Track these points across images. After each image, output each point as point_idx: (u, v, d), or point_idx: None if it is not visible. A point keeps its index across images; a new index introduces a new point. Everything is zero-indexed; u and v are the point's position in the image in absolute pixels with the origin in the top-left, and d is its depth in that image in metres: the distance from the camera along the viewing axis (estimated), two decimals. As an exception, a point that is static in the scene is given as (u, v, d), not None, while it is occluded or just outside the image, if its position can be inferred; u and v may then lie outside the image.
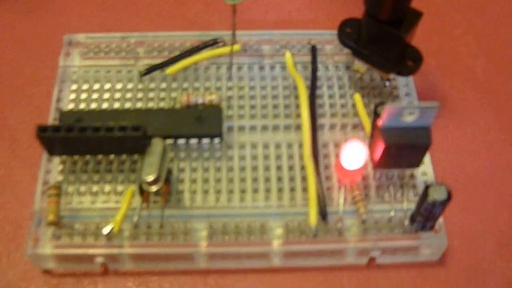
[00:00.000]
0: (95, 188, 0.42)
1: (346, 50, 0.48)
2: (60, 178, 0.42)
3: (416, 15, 0.43)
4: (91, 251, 0.40)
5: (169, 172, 0.42)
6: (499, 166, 0.47)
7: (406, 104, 0.39)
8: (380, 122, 0.39)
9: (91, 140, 0.40)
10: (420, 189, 0.42)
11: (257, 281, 0.42)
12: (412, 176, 0.44)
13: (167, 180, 0.41)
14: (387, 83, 0.47)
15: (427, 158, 0.44)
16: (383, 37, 0.43)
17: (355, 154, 0.41)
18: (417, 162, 0.41)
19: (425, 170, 0.44)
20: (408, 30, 0.42)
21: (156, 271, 0.42)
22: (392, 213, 0.42)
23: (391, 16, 0.42)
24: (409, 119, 0.39)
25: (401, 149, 0.40)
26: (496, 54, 0.53)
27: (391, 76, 0.47)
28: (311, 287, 0.42)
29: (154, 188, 0.40)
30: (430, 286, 0.42)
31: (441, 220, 0.41)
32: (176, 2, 0.55)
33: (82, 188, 0.42)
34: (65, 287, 0.41)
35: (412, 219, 0.41)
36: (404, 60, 0.44)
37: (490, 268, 0.43)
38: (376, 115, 0.40)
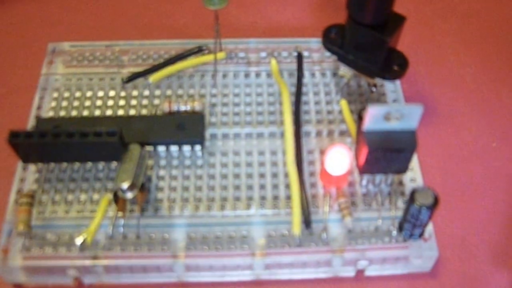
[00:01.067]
0: (70, 196, 0.37)
1: (333, 57, 0.44)
2: (35, 186, 0.37)
3: (400, 19, 0.39)
4: (62, 262, 0.35)
5: (148, 179, 0.37)
6: (490, 173, 0.42)
7: (389, 105, 0.34)
8: (363, 125, 0.34)
9: (65, 146, 0.36)
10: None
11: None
12: (400, 183, 0.38)
13: (143, 187, 0.36)
14: (373, 89, 0.42)
15: (416, 164, 0.39)
16: (367, 41, 0.39)
17: (339, 159, 0.35)
18: (403, 167, 0.36)
19: (414, 176, 0.39)
20: (391, 34, 0.38)
21: (133, 285, 0.37)
22: (380, 222, 0.36)
23: (374, 20, 0.38)
24: (393, 122, 0.34)
25: (386, 154, 0.35)
26: (485, 62, 0.49)
27: (378, 82, 0.42)
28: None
29: (129, 196, 0.35)
30: (422, 298, 0.37)
31: (431, 228, 0.36)
32: (164, 12, 0.51)
33: (57, 197, 0.37)
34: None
35: (400, 227, 0.36)
36: (389, 65, 0.40)
37: (484, 279, 0.38)
38: (360, 119, 0.35)
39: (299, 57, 0.44)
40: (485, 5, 0.53)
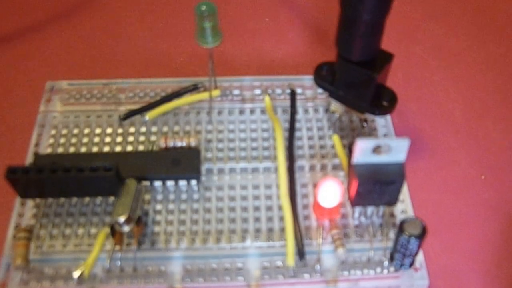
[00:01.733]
0: (68, 231, 0.38)
1: (325, 94, 0.45)
2: (33, 222, 0.38)
3: (387, 57, 0.40)
4: (60, 296, 0.35)
5: (145, 214, 0.38)
6: (479, 205, 0.44)
7: (377, 139, 0.36)
8: (352, 158, 0.35)
9: (62, 181, 0.37)
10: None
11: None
12: (391, 214, 0.39)
13: (140, 221, 0.37)
14: (365, 124, 0.44)
15: (406, 196, 0.40)
16: (356, 78, 0.40)
17: (331, 192, 0.37)
18: (393, 199, 0.37)
19: (405, 208, 0.40)
20: (379, 71, 0.39)
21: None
22: (372, 253, 0.37)
23: (361, 57, 0.39)
24: (382, 155, 0.35)
25: (375, 186, 0.36)
26: (473, 98, 0.50)
27: (370, 117, 0.44)
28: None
29: (126, 229, 0.36)
30: (414, 329, 0.38)
31: (421, 258, 0.37)
32: (160, 51, 0.53)
33: (55, 231, 0.38)
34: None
35: (391, 257, 0.36)
36: (379, 100, 0.41)
37: (476, 309, 0.38)
38: (350, 152, 0.37)
39: (292, 94, 0.46)
40: (472, 43, 0.55)
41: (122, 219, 0.35)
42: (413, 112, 0.49)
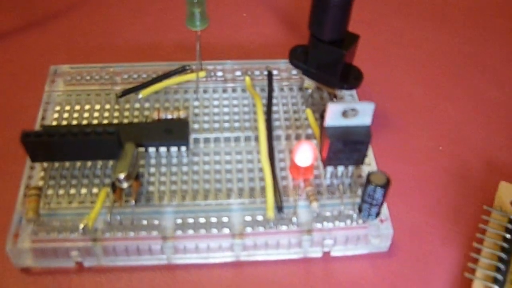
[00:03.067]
0: (72, 190, 0.40)
1: (299, 75, 0.48)
2: (41, 183, 0.41)
3: (354, 37, 0.43)
4: (67, 244, 0.38)
5: (141, 175, 0.41)
6: (437, 171, 0.46)
7: (346, 103, 0.38)
8: (325, 121, 0.38)
9: (70, 144, 0.39)
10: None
11: (222, 276, 0.40)
12: (359, 176, 0.42)
13: (137, 178, 0.39)
14: (334, 100, 0.47)
15: (372, 161, 0.43)
16: (327, 56, 0.43)
17: (306, 153, 0.39)
18: (361, 159, 0.40)
19: (371, 169, 0.42)
20: (347, 48, 0.42)
21: (127, 268, 0.40)
22: (342, 207, 0.40)
23: (332, 36, 0.42)
24: (350, 118, 0.38)
25: (345, 146, 0.39)
26: (432, 81, 0.54)
27: (339, 94, 0.47)
28: (273, 279, 0.40)
29: (125, 185, 0.38)
30: (381, 275, 0.40)
31: (386, 212, 0.40)
32: (151, 41, 0.55)
33: (61, 191, 0.40)
34: (41, 284, 0.38)
35: (360, 209, 0.39)
36: (347, 77, 0.44)
37: (434, 258, 0.41)
38: (322, 118, 0.40)
39: (269, 75, 0.48)
40: (428, 33, 0.58)
41: (122, 175, 0.38)
42: (377, 92, 0.52)
